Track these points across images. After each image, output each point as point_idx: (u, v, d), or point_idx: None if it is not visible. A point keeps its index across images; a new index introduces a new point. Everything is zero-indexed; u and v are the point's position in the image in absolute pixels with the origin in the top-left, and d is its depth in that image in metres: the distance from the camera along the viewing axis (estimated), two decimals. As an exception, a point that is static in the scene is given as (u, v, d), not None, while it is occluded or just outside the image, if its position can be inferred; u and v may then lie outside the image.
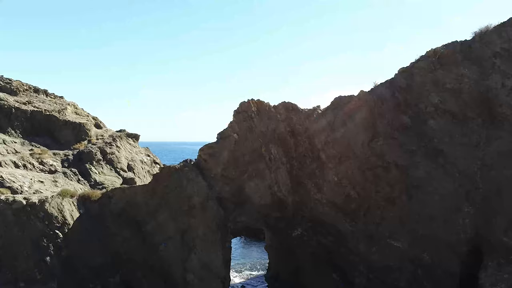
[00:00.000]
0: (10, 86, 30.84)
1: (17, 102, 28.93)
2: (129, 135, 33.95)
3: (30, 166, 24.35)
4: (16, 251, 15.55)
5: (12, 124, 27.39)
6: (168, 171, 17.43)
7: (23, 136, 27.27)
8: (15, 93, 30.49)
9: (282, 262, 22.53)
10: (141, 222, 17.48)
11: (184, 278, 17.02)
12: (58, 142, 28.44)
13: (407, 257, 18.21)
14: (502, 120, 18.11)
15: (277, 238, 22.12)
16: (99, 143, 29.77)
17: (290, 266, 21.91)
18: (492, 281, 16.69)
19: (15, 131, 27.54)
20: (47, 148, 27.05)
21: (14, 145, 26.54)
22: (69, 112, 31.91)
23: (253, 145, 18.14)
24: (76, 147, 27.94)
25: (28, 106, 29.12)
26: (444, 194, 18.10)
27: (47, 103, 31.86)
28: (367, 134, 19.01)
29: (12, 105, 27.82)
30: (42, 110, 29.21)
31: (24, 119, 27.89)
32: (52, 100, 33.38)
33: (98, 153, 27.63)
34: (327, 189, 19.17)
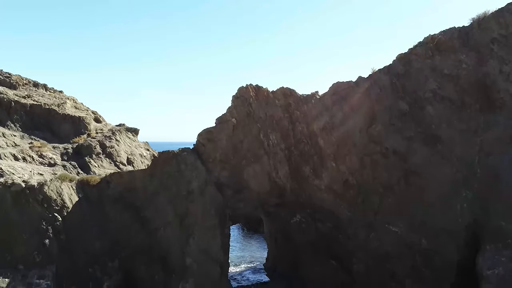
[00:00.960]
0: (10, 80, 30.90)
1: (17, 96, 28.98)
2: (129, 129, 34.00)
3: (30, 159, 24.39)
4: (15, 234, 15.60)
5: (11, 118, 27.41)
6: (167, 156, 17.47)
7: (23, 129, 27.30)
8: (15, 87, 30.56)
9: (280, 251, 22.56)
10: (140, 207, 17.53)
11: (182, 263, 17.05)
12: (58, 135, 28.49)
13: (405, 243, 18.22)
14: (500, 106, 18.15)
15: (276, 226, 22.16)
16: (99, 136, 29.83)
17: (288, 254, 21.94)
18: (489, 265, 16.68)
19: (15, 125, 27.56)
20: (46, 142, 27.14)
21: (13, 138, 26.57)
22: (68, 106, 31.95)
23: (252, 130, 18.18)
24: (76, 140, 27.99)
25: (27, 100, 29.17)
26: (442, 180, 18.11)
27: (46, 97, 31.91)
28: (365, 121, 19.05)
29: (11, 98, 27.86)
30: (42, 104, 29.25)
31: (23, 113, 27.90)
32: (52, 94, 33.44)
33: (97, 147, 27.68)
34: (326, 175, 19.21)
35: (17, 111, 27.47)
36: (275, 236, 22.82)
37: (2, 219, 15.44)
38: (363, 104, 18.95)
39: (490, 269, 16.66)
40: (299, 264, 21.19)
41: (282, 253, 22.30)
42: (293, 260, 21.49)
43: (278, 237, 22.49)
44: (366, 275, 18.78)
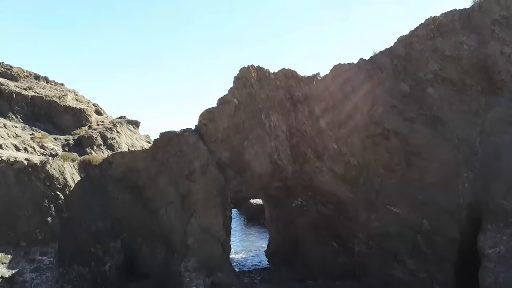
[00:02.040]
0: (11, 72, 30.90)
1: (18, 88, 29.00)
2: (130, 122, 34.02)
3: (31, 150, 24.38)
4: (17, 212, 15.62)
5: (12, 109, 27.37)
6: (168, 136, 17.50)
7: (24, 121, 27.29)
8: (16, 79, 30.55)
9: (282, 235, 22.59)
10: (142, 187, 17.56)
11: (184, 242, 17.08)
12: (59, 127, 28.50)
13: (407, 223, 18.26)
14: (501, 87, 18.21)
15: (277, 211, 22.20)
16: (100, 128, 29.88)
17: (290, 239, 21.97)
18: (490, 244, 16.71)
19: (16, 116, 27.55)
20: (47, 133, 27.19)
21: (14, 129, 26.57)
22: (69, 99, 31.97)
23: (253, 111, 18.22)
24: (77, 132, 28.04)
25: (28, 91, 29.17)
26: (443, 161, 18.17)
27: (47, 89, 31.95)
28: (366, 102, 19.09)
29: (12, 90, 27.85)
30: (43, 96, 29.24)
31: (24, 104, 27.87)
32: (53, 87, 33.47)
33: (98, 138, 27.66)
34: (327, 157, 19.27)
35: (18, 102, 27.45)
36: (277, 220, 22.86)
37: (4, 196, 15.45)
38: (364, 86, 18.99)
39: (492, 248, 16.69)
40: (300, 247, 21.23)
41: (284, 237, 22.33)
42: (295, 244, 21.53)
43: (280, 221, 22.52)
44: (368, 256, 18.82)
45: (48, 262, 14.91)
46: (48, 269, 14.69)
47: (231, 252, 21.45)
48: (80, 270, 16.60)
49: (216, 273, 17.06)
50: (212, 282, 16.82)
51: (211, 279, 16.79)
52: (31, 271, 14.50)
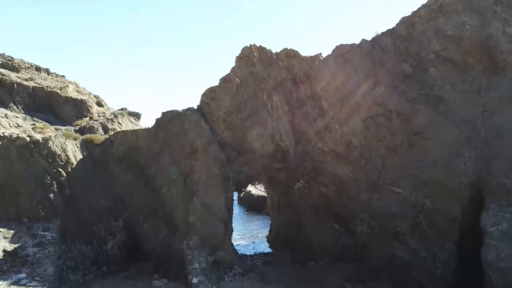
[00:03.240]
0: (12, 63, 30.93)
1: (19, 78, 29.03)
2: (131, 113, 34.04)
3: (33, 140, 24.38)
4: (20, 188, 15.64)
5: (14, 100, 27.36)
6: (170, 115, 17.50)
7: (25, 111, 27.28)
8: (17, 70, 30.56)
9: (283, 219, 22.59)
10: (144, 166, 17.56)
11: (186, 220, 17.09)
12: (60, 118, 28.52)
13: (409, 203, 18.24)
14: (503, 67, 18.15)
15: (279, 194, 22.19)
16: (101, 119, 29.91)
17: (291, 222, 21.97)
18: (493, 221, 16.68)
19: (17, 107, 27.54)
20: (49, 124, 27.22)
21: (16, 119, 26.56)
22: (70, 90, 32.03)
23: (255, 91, 18.21)
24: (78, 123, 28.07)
25: (30, 82, 29.19)
26: (445, 140, 18.15)
27: (48, 80, 31.99)
28: (368, 83, 19.08)
29: (14, 80, 27.85)
30: (44, 87, 29.26)
31: (26, 95, 27.86)
32: (54, 78, 33.51)
33: (100, 129, 27.70)
34: (329, 138, 19.26)
35: (19, 93, 27.44)
36: (278, 204, 22.86)
37: (6, 172, 15.48)
38: (366, 67, 18.99)
39: (494, 226, 16.65)
40: (302, 230, 21.22)
41: (285, 221, 22.33)
42: (296, 227, 21.52)
43: (281, 205, 22.52)
44: (369, 236, 18.82)
45: (50, 237, 14.92)
46: (51, 244, 14.70)
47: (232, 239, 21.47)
48: (82, 248, 16.63)
49: (218, 252, 17.08)
50: (214, 261, 16.84)
51: (213, 257, 16.81)
52: (33, 246, 14.51)
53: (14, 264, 13.76)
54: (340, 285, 17.65)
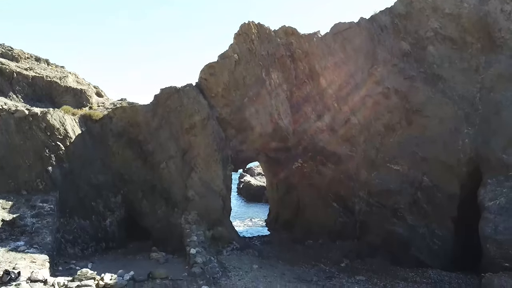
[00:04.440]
0: (12, 53, 30.96)
1: (19, 68, 29.07)
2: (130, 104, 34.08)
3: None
4: (18, 160, 15.68)
5: (13, 89, 27.35)
6: (169, 91, 17.51)
7: (25, 100, 27.26)
8: (17, 60, 30.59)
9: (282, 200, 22.62)
10: (142, 142, 17.59)
11: (185, 196, 17.11)
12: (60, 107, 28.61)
13: (407, 180, 18.27)
14: (501, 44, 18.22)
15: (278, 174, 22.21)
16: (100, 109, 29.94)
17: (290, 202, 22.01)
18: (491, 196, 16.74)
19: (17, 96, 27.55)
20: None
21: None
22: (70, 80, 32.07)
23: (254, 68, 18.23)
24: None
25: (29, 72, 29.23)
26: (444, 118, 18.19)
27: (48, 70, 32.03)
28: (366, 61, 19.10)
29: (13, 70, 27.89)
30: (44, 76, 29.25)
31: (25, 84, 27.85)
32: (53, 68, 33.56)
33: (99, 119, 27.67)
34: (327, 116, 19.29)
35: (19, 82, 27.43)
36: (277, 185, 22.88)
37: (5, 144, 15.52)
38: (365, 45, 19.01)
39: (492, 200, 16.71)
40: (301, 210, 21.26)
41: (284, 201, 22.36)
42: (295, 207, 21.56)
43: (280, 185, 22.54)
44: (368, 213, 18.84)
45: (49, 209, 14.95)
46: (49, 215, 14.73)
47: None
48: (81, 223, 16.68)
49: (217, 227, 17.11)
50: (212, 236, 16.86)
51: (212, 233, 16.83)
52: (31, 216, 14.54)
53: (13, 233, 13.79)
54: (338, 261, 17.68)
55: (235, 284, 13.04)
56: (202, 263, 13.56)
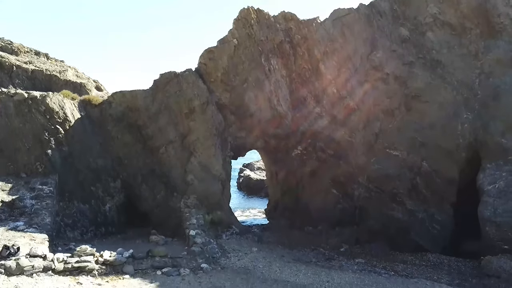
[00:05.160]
0: (11, 47, 30.98)
1: (18, 61, 29.07)
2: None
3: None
4: (18, 143, 15.67)
5: (13, 82, 27.34)
6: (168, 76, 17.51)
7: None
8: (16, 53, 30.62)
9: (281, 188, 22.63)
10: (142, 127, 17.59)
11: (184, 180, 17.13)
12: None
13: (406, 165, 18.30)
14: (500, 30, 18.29)
15: (277, 163, 22.23)
16: (100, 102, 29.93)
17: (290, 190, 22.02)
18: (490, 180, 16.80)
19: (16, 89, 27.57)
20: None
21: (15, 101, 26.64)
22: (70, 74, 32.10)
23: (253, 53, 18.23)
24: (77, 105, 28.08)
25: (29, 65, 29.24)
26: (443, 103, 18.23)
27: (48, 64, 32.03)
28: (366, 47, 19.12)
29: (13, 63, 27.89)
30: (43, 70, 29.24)
31: (25, 77, 27.84)
32: (53, 62, 33.58)
33: (100, 112, 27.65)
34: (326, 102, 19.32)
35: (18, 75, 27.43)
36: (276, 174, 22.89)
37: (4, 127, 15.51)
38: (364, 31, 19.03)
39: (491, 184, 16.76)
40: (300, 197, 21.27)
41: (284, 190, 22.37)
42: (294, 194, 21.57)
43: (279, 174, 22.55)
44: (367, 199, 18.86)
45: (48, 191, 14.93)
46: (48, 197, 14.71)
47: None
48: (80, 207, 16.66)
49: (216, 211, 17.11)
50: (211, 220, 16.85)
51: (211, 217, 16.82)
52: (31, 198, 14.53)
53: (12, 214, 13.78)
54: (337, 246, 17.69)
55: (234, 264, 13.04)
56: (201, 243, 13.56)
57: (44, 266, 10.57)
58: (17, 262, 10.33)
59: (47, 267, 10.59)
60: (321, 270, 12.65)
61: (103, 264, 11.29)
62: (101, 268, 11.15)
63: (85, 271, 10.87)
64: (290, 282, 11.20)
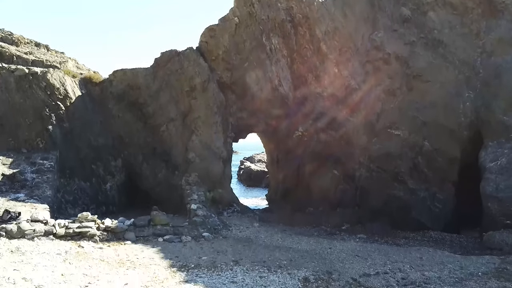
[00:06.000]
0: (12, 37, 30.92)
1: (19, 52, 29.02)
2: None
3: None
4: (18, 119, 15.65)
5: None
6: (169, 54, 17.48)
7: None
8: (17, 44, 30.55)
9: (282, 172, 22.57)
10: (143, 105, 17.56)
11: (185, 158, 17.09)
12: None
13: (408, 144, 18.23)
14: (502, 9, 18.19)
15: (278, 145, 22.20)
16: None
17: (290, 174, 21.94)
18: (492, 157, 16.72)
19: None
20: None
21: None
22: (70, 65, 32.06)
23: (254, 32, 18.18)
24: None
25: (29, 56, 29.16)
26: (445, 82, 18.15)
27: (48, 55, 31.98)
28: (367, 27, 19.07)
29: (13, 53, 27.80)
30: (44, 61, 29.11)
31: None
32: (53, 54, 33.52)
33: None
34: (328, 82, 19.25)
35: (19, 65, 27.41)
36: (277, 158, 22.85)
37: (5, 102, 15.49)
38: (365, 11, 18.99)
39: (493, 161, 16.70)
40: (301, 179, 21.21)
41: (285, 173, 22.31)
42: (295, 177, 21.52)
43: (280, 157, 22.50)
44: (368, 179, 18.79)
45: (49, 166, 14.92)
46: (49, 171, 14.70)
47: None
48: (81, 184, 16.65)
49: (217, 189, 17.07)
50: (213, 198, 16.82)
51: (212, 194, 16.79)
52: (32, 172, 14.52)
53: (13, 186, 13.77)
54: (339, 225, 17.65)
55: (236, 234, 13.03)
56: (202, 216, 13.54)
57: (45, 231, 10.56)
58: (18, 226, 10.30)
59: (48, 231, 10.57)
60: (323, 240, 12.61)
61: (105, 230, 11.28)
62: (103, 234, 11.14)
63: (86, 236, 10.86)
64: (292, 248, 11.17)
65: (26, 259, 8.82)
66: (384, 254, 11.19)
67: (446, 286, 8.44)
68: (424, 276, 9.20)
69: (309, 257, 10.17)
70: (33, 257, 9.01)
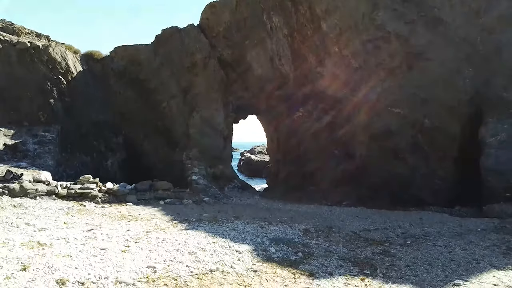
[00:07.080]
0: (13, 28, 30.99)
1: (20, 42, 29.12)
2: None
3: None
4: (20, 93, 15.71)
5: None
6: (170, 31, 17.55)
7: None
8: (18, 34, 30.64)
9: (283, 153, 22.63)
10: (144, 81, 17.62)
11: (186, 134, 17.15)
12: None
13: (408, 122, 18.28)
14: (502, -13, 18.28)
15: (279, 126, 22.24)
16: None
17: (291, 156, 22.01)
18: (492, 133, 16.77)
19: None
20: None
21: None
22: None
23: (255, 10, 18.23)
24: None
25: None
26: (445, 59, 18.18)
27: None
28: (367, 6, 19.09)
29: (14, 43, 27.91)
30: None
31: None
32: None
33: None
34: (328, 61, 19.30)
35: None
36: (277, 139, 22.90)
37: (7, 76, 15.54)
38: (366, -10, 19.01)
39: (493, 136, 16.76)
40: (302, 160, 21.26)
41: (285, 154, 22.37)
42: (296, 158, 21.57)
43: (280, 139, 22.56)
44: (369, 157, 18.85)
45: (50, 138, 15.00)
46: (51, 143, 14.77)
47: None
48: (82, 158, 16.72)
49: (218, 165, 17.12)
50: (213, 174, 16.89)
51: (213, 170, 16.85)
52: (33, 143, 14.59)
53: (15, 156, 13.84)
54: (340, 202, 17.69)
55: (236, 203, 13.07)
56: (203, 185, 13.60)
57: (47, 190, 10.62)
58: (20, 185, 10.37)
59: (50, 191, 10.64)
60: (324, 206, 12.66)
61: (106, 193, 11.34)
62: (104, 196, 11.21)
63: (88, 197, 10.92)
64: (293, 210, 11.22)
65: (29, 212, 8.90)
66: (384, 215, 11.25)
67: (445, 238, 8.50)
68: (423, 231, 9.26)
69: (309, 216, 10.23)
70: (35, 211, 9.08)
